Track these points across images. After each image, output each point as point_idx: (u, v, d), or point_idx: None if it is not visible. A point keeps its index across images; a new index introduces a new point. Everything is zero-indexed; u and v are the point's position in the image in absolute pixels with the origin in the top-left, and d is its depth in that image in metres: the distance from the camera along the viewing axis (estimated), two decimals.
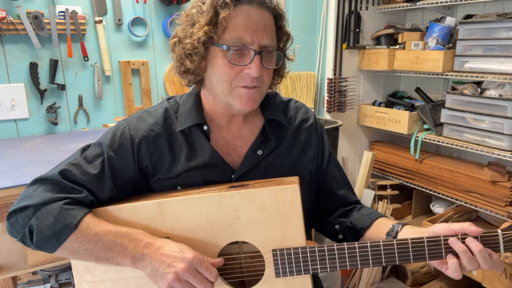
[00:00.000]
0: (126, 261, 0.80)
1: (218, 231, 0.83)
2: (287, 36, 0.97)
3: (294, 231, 0.83)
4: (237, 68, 0.87)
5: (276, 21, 0.91)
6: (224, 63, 0.87)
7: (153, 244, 0.80)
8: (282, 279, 0.84)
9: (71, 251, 0.82)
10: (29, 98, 1.80)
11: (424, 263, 2.23)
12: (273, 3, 0.89)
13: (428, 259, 0.79)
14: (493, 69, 1.82)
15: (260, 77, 0.88)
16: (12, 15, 1.67)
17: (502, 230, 0.78)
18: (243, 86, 0.88)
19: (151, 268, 0.78)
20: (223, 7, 0.84)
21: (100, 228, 0.81)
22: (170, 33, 2.01)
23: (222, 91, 0.90)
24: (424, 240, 0.79)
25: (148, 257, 0.79)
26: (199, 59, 0.88)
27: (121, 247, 0.80)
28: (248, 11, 0.86)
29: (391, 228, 0.89)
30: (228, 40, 0.86)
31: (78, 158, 0.91)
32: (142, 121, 0.95)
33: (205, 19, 0.85)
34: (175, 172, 0.94)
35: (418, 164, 2.23)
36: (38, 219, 0.81)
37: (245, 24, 0.85)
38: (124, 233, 0.81)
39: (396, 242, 0.79)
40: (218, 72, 0.88)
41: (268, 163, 0.97)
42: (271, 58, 0.91)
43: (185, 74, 0.94)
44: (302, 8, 2.41)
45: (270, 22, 0.89)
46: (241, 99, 0.89)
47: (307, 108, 1.08)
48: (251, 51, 0.86)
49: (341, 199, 1.05)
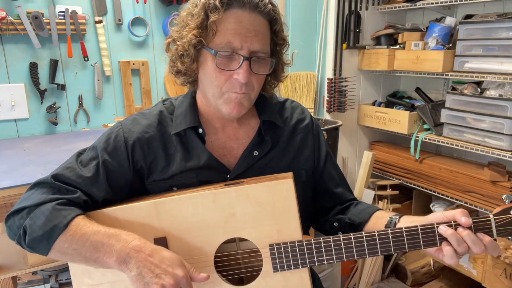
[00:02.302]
0: (111, 261, 0.77)
1: (214, 228, 0.84)
2: (283, 41, 0.95)
3: (290, 225, 0.83)
4: (226, 73, 0.86)
5: (271, 25, 0.90)
6: (213, 68, 0.86)
7: (143, 248, 0.77)
8: (280, 273, 0.84)
9: (62, 252, 0.82)
10: (29, 98, 1.81)
11: (425, 263, 2.23)
12: (268, 7, 0.87)
13: (423, 247, 0.80)
14: (493, 69, 1.82)
15: (249, 83, 0.87)
16: (12, 15, 1.67)
17: (494, 215, 0.79)
18: (233, 91, 0.88)
19: (136, 273, 0.75)
20: (214, 11, 0.83)
21: (89, 228, 0.80)
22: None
23: (213, 94, 0.90)
24: (418, 228, 0.79)
25: (136, 261, 0.76)
26: (190, 61, 0.89)
27: (108, 247, 0.78)
28: (239, 15, 0.84)
29: (389, 220, 0.89)
30: (218, 44, 0.85)
31: (73, 162, 0.91)
32: (136, 123, 0.95)
33: (195, 22, 0.85)
34: (170, 173, 0.94)
35: (418, 164, 2.23)
36: (31, 220, 0.81)
37: (235, 29, 0.84)
38: (112, 233, 0.80)
39: (390, 231, 0.80)
40: (208, 75, 0.88)
41: (264, 163, 0.97)
42: (262, 63, 0.89)
43: (178, 75, 0.94)
44: (302, 8, 2.41)
45: (263, 27, 0.88)
46: (229, 103, 0.89)
47: (303, 108, 1.08)
48: (240, 56, 0.85)
49: (338, 197, 1.06)
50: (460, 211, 0.79)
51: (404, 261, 2.28)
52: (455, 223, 0.79)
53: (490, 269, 1.84)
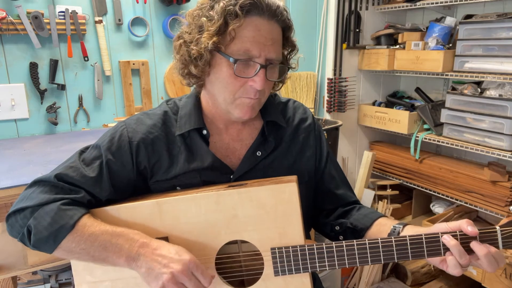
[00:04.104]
0: (121, 261, 0.80)
1: (216, 230, 0.84)
2: (293, 47, 0.96)
3: (293, 229, 0.83)
4: (242, 79, 0.86)
5: (284, 32, 0.91)
6: (229, 74, 0.86)
7: (149, 244, 0.80)
8: (281, 277, 0.84)
9: (68, 251, 0.82)
10: (29, 98, 1.80)
11: (424, 263, 2.23)
12: (284, 15, 0.87)
13: (427, 256, 0.79)
14: (493, 69, 1.82)
15: (262, 89, 0.88)
16: (12, 15, 1.67)
17: (500, 226, 0.78)
18: (246, 97, 0.88)
19: (146, 268, 0.78)
20: (234, 17, 0.82)
21: (96, 228, 0.81)
22: (170, 33, 2.01)
23: (225, 99, 0.89)
24: (422, 237, 0.79)
25: (144, 257, 0.78)
26: (204, 65, 0.88)
27: (116, 247, 0.80)
28: (258, 23, 0.84)
29: (392, 229, 0.88)
30: (235, 51, 0.84)
31: (76, 161, 0.90)
32: (141, 123, 0.95)
33: (214, 28, 0.83)
34: (174, 173, 0.94)
35: (418, 164, 2.23)
36: (36, 220, 0.81)
37: (254, 37, 0.84)
38: (120, 233, 0.81)
39: (394, 240, 0.80)
40: (222, 80, 0.88)
41: (267, 163, 0.97)
42: (275, 70, 0.91)
43: (187, 76, 0.93)
44: (302, 8, 2.41)
45: (278, 35, 0.89)
46: (242, 108, 0.89)
47: (305, 108, 1.08)
48: (256, 64, 0.85)
49: (340, 198, 1.05)
50: (466, 221, 0.78)
51: (404, 261, 2.28)
52: (460, 233, 0.78)
53: None
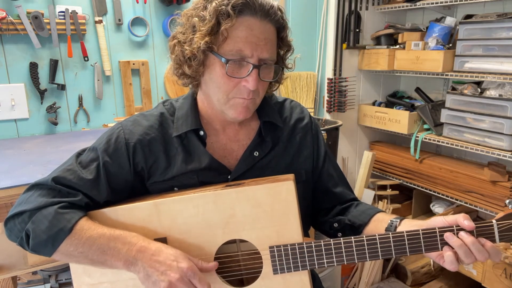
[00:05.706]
0: (119, 264, 0.80)
1: (214, 229, 0.84)
2: (288, 47, 0.96)
3: (290, 227, 0.83)
4: (235, 80, 0.86)
5: (278, 32, 0.90)
6: (222, 74, 0.86)
7: (147, 248, 0.79)
8: (280, 275, 0.84)
9: (67, 255, 0.83)
10: (29, 98, 1.81)
11: (424, 263, 2.23)
12: (277, 15, 0.87)
13: (424, 251, 0.80)
14: (493, 69, 1.82)
15: (256, 89, 0.87)
16: (12, 15, 1.67)
17: (496, 220, 0.78)
18: (240, 97, 0.88)
19: (144, 273, 0.78)
20: (226, 17, 0.82)
21: (94, 231, 0.81)
22: (170, 33, 2.01)
23: (219, 100, 0.89)
24: (419, 232, 0.79)
25: (142, 262, 0.78)
26: (198, 65, 0.88)
27: (114, 250, 0.80)
28: (251, 23, 0.84)
29: (389, 223, 0.89)
30: (228, 51, 0.84)
31: (73, 164, 0.90)
32: (137, 124, 0.95)
33: (206, 28, 0.83)
34: (171, 174, 0.94)
35: (418, 164, 2.23)
36: (34, 224, 0.81)
37: (246, 37, 0.83)
38: (117, 236, 0.81)
39: (392, 235, 0.80)
40: (216, 80, 0.88)
41: (264, 164, 0.97)
42: (269, 70, 0.90)
43: (182, 77, 0.93)
44: (302, 8, 2.41)
45: (272, 34, 0.88)
46: (236, 109, 0.89)
47: (302, 107, 1.08)
48: (249, 64, 0.85)
49: (338, 196, 1.05)
50: (462, 215, 0.78)
51: (404, 261, 2.28)
52: (457, 227, 0.78)
53: (490, 269, 1.84)
